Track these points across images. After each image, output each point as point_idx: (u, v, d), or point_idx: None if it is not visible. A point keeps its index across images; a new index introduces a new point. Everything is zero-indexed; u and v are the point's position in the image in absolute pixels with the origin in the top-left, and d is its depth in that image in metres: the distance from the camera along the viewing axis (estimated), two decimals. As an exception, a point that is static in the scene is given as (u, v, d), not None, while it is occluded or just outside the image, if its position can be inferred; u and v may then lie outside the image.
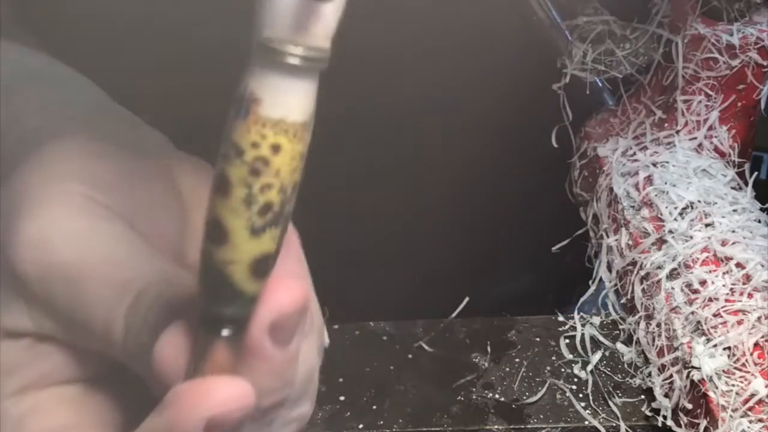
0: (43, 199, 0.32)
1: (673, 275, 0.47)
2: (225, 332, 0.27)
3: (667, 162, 0.54)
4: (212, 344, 0.27)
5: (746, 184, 0.54)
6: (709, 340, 0.43)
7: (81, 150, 0.34)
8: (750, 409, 0.41)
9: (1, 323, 0.31)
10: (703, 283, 0.46)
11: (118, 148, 0.34)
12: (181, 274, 0.31)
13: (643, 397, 0.47)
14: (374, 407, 0.47)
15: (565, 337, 0.51)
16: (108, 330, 0.30)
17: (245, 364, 0.28)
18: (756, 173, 0.55)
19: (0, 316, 0.31)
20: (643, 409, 0.47)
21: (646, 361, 0.48)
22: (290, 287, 0.27)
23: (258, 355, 0.27)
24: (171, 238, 0.34)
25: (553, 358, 0.50)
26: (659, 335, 0.46)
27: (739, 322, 0.43)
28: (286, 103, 0.24)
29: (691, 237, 0.48)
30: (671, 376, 0.45)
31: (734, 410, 0.41)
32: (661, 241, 0.49)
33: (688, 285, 0.46)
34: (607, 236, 0.54)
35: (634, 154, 0.56)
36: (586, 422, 0.46)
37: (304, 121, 0.24)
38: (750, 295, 0.44)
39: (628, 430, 0.46)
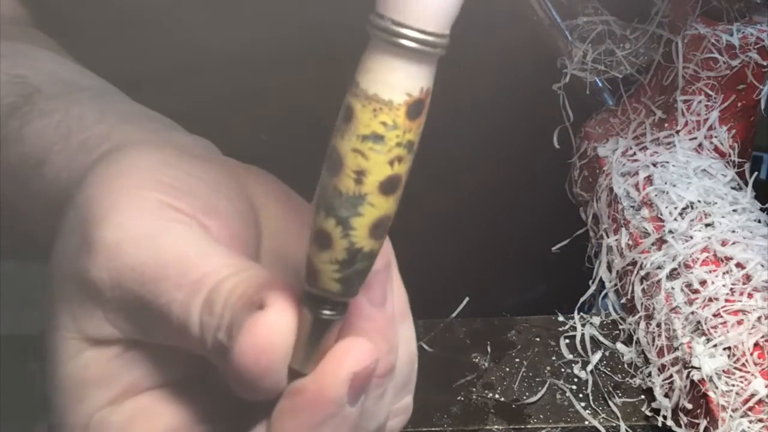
0: (115, 205, 0.32)
1: (673, 275, 0.47)
2: (328, 312, 0.28)
3: (667, 162, 0.54)
4: (321, 324, 0.28)
5: (746, 184, 0.54)
6: (709, 340, 0.43)
7: (150, 157, 0.34)
8: (750, 409, 0.41)
9: (85, 332, 0.31)
10: (703, 283, 0.46)
11: (182, 154, 0.34)
12: (256, 266, 0.30)
13: (643, 397, 0.47)
14: (374, 407, 0.47)
15: (565, 337, 0.51)
16: (185, 330, 0.30)
17: (351, 329, 0.29)
18: (756, 173, 0.55)
19: (83, 324, 0.31)
20: (643, 409, 0.47)
21: (646, 361, 0.48)
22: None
23: (360, 315, 0.29)
24: (245, 241, 0.34)
25: (553, 358, 0.50)
26: (659, 335, 0.46)
27: (739, 322, 0.43)
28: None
29: (691, 237, 0.48)
30: (671, 376, 0.45)
31: (734, 410, 0.41)
32: (661, 241, 0.49)
33: (688, 285, 0.46)
34: (607, 236, 0.54)
35: (634, 154, 0.56)
36: (586, 422, 0.46)
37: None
38: (750, 295, 0.44)
39: (628, 430, 0.46)
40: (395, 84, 0.24)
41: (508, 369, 0.49)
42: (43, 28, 0.53)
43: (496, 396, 0.48)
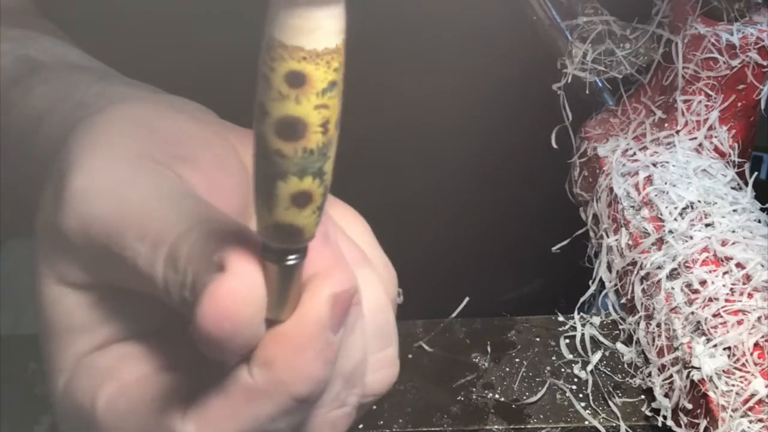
0: (88, 153, 0.32)
1: (673, 275, 0.47)
2: (292, 258, 0.28)
3: (667, 162, 0.54)
4: (287, 271, 0.28)
5: (746, 184, 0.54)
6: (709, 340, 0.43)
7: (138, 109, 0.34)
8: (750, 409, 0.41)
9: (62, 276, 0.32)
10: (703, 283, 0.46)
11: (172, 109, 0.35)
12: (220, 218, 0.30)
13: (643, 397, 0.47)
14: (374, 407, 0.47)
15: (565, 337, 0.51)
16: (150, 282, 0.30)
17: (306, 266, 0.29)
18: (756, 173, 0.55)
19: (58, 270, 0.32)
20: (643, 409, 0.47)
21: (646, 361, 0.48)
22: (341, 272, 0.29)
23: (312, 252, 0.28)
24: (227, 192, 0.34)
25: (553, 358, 0.50)
26: (659, 335, 0.46)
27: (739, 322, 0.43)
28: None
29: (691, 237, 0.48)
30: (671, 376, 0.45)
31: (734, 410, 0.41)
32: (661, 241, 0.49)
33: (688, 285, 0.46)
34: (607, 236, 0.54)
35: (634, 154, 0.56)
36: (586, 422, 0.46)
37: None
38: (750, 295, 0.44)
39: (628, 430, 0.46)
40: None
41: (508, 369, 0.49)
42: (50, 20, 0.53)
43: (496, 396, 0.48)
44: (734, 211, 0.50)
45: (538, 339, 0.51)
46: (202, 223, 0.29)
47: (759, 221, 0.50)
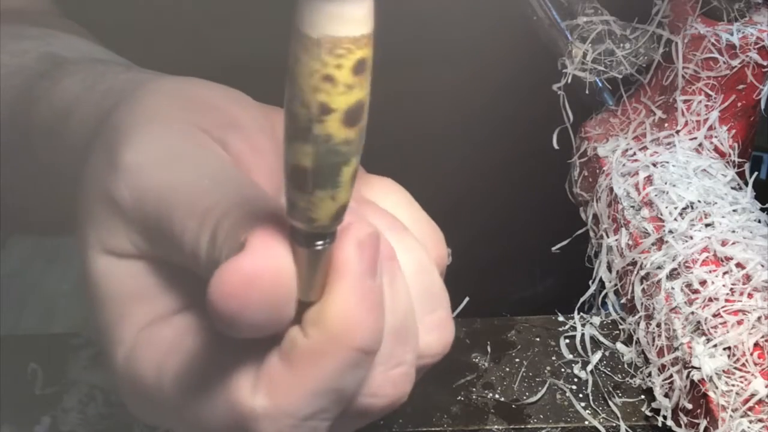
0: (140, 127, 0.32)
1: (673, 275, 0.47)
2: (320, 243, 0.28)
3: (667, 162, 0.54)
4: (315, 255, 0.28)
5: (746, 184, 0.54)
6: (709, 340, 0.43)
7: (177, 82, 0.35)
8: (750, 409, 0.41)
9: (109, 247, 0.32)
10: (703, 283, 0.46)
11: (215, 86, 0.35)
12: (260, 196, 0.31)
13: (643, 397, 0.47)
14: (374, 407, 0.47)
15: (565, 337, 0.51)
16: (195, 260, 0.30)
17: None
18: (756, 173, 0.55)
19: (106, 240, 0.32)
20: (643, 409, 0.47)
21: (646, 361, 0.48)
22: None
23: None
24: (267, 154, 0.34)
25: (553, 358, 0.50)
26: (659, 335, 0.46)
27: (739, 322, 0.43)
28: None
29: (691, 237, 0.48)
30: (671, 376, 0.45)
31: (734, 410, 0.41)
32: (661, 241, 0.49)
33: (688, 285, 0.46)
34: (607, 236, 0.54)
35: (634, 154, 0.56)
36: (586, 422, 0.46)
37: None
38: (750, 295, 0.44)
39: (628, 430, 0.46)
40: None
41: (508, 369, 0.49)
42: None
43: (496, 396, 0.48)
44: (734, 211, 0.50)
45: (538, 339, 0.51)
46: (243, 204, 0.30)
47: (759, 221, 0.50)
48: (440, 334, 0.34)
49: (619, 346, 0.50)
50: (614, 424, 0.46)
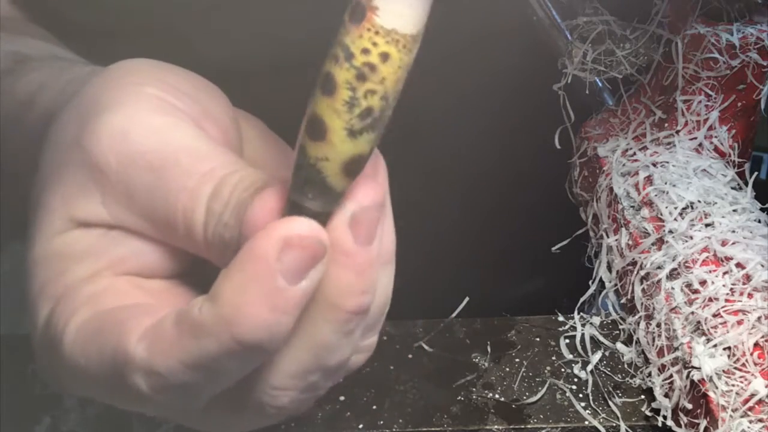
0: (122, 97, 0.32)
1: (673, 275, 0.47)
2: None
3: (667, 162, 0.54)
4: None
5: (746, 184, 0.54)
6: (709, 340, 0.43)
7: (151, 63, 0.35)
8: (750, 409, 0.41)
9: (74, 213, 0.32)
10: (703, 283, 0.46)
11: (179, 69, 0.36)
12: (256, 169, 0.31)
13: (643, 397, 0.47)
14: (374, 407, 0.47)
15: (565, 337, 0.51)
16: (190, 216, 0.30)
17: (331, 262, 0.28)
18: (756, 173, 0.55)
19: (74, 206, 0.32)
20: (643, 409, 0.47)
21: (646, 361, 0.48)
22: (371, 185, 0.28)
23: (339, 248, 0.28)
24: (237, 148, 0.35)
25: (553, 358, 0.50)
26: (659, 335, 0.46)
27: (739, 322, 0.43)
28: (401, 13, 0.25)
29: (691, 237, 0.48)
30: (671, 376, 0.45)
31: (734, 410, 0.41)
32: (661, 241, 0.49)
33: (688, 285, 0.46)
34: (607, 236, 0.54)
35: (634, 154, 0.56)
36: (586, 422, 0.46)
37: (415, 34, 0.26)
38: (750, 295, 0.44)
39: (628, 430, 0.46)
40: None
41: (508, 369, 0.49)
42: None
43: (496, 396, 0.48)
44: (734, 211, 0.50)
45: (538, 339, 0.51)
46: (244, 168, 0.30)
47: (759, 221, 0.50)
48: (365, 355, 0.34)
49: (619, 346, 0.50)
50: (614, 424, 0.46)
